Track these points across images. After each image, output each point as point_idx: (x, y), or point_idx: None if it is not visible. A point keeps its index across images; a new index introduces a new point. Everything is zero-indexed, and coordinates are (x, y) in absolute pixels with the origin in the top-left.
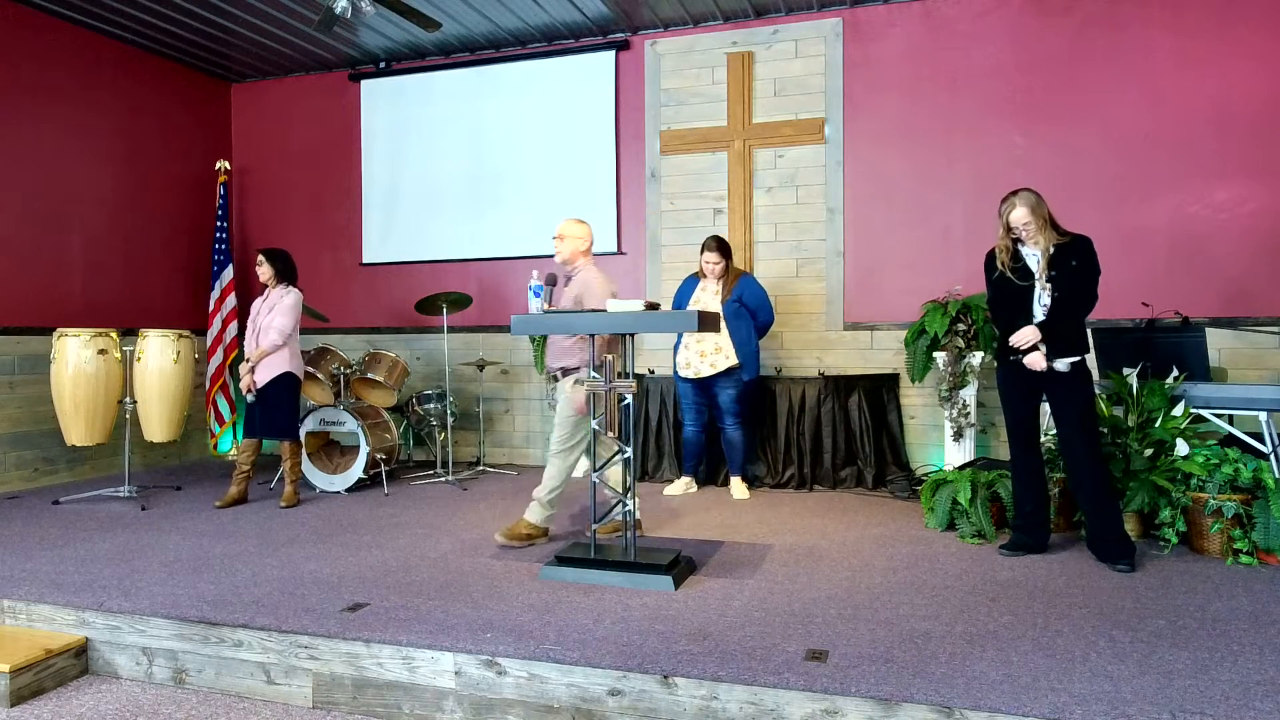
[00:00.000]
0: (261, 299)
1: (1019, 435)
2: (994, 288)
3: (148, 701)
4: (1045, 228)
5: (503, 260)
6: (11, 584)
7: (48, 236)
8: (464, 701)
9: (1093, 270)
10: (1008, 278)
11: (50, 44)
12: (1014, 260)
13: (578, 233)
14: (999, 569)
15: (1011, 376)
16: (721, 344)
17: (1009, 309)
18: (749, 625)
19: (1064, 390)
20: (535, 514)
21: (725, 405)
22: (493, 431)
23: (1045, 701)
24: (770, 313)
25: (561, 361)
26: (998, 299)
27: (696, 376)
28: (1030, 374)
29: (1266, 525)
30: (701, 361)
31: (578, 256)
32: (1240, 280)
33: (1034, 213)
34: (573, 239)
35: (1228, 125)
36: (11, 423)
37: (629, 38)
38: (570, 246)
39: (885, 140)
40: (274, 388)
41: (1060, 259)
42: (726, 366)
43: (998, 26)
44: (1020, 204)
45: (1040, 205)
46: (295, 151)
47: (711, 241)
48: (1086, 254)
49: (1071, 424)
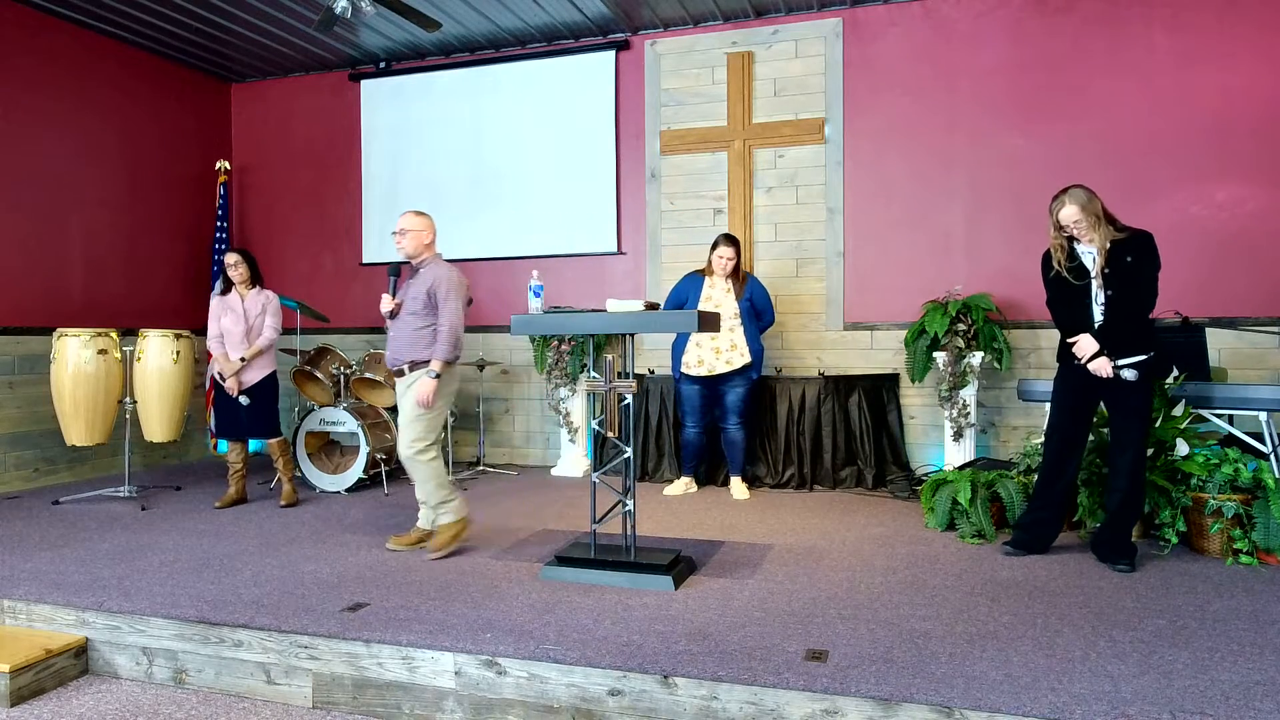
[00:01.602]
0: (222, 298)
1: (1065, 437)
2: (1051, 288)
3: (148, 701)
4: (1099, 224)
5: (503, 260)
6: (11, 584)
7: (48, 236)
8: (464, 701)
9: (1150, 266)
10: (1064, 277)
11: (50, 44)
12: (1070, 259)
13: (419, 225)
14: (999, 569)
15: (1070, 379)
16: (738, 341)
17: (1067, 309)
18: (749, 625)
19: (1124, 392)
20: (446, 517)
21: (732, 404)
22: (493, 431)
23: (1045, 701)
24: (774, 314)
25: (409, 355)
26: (1056, 299)
27: (710, 373)
28: (1092, 378)
29: (1266, 525)
30: (717, 359)
31: (423, 250)
32: (1240, 280)
33: (1084, 210)
34: (415, 233)
35: (1228, 125)
36: (11, 423)
37: (629, 38)
38: (413, 241)
39: (885, 140)
40: (262, 388)
41: (1116, 256)
42: (742, 364)
43: (998, 26)
44: (1070, 202)
45: (1092, 202)
46: (295, 151)
47: (727, 238)
48: (1144, 249)
49: (1125, 429)
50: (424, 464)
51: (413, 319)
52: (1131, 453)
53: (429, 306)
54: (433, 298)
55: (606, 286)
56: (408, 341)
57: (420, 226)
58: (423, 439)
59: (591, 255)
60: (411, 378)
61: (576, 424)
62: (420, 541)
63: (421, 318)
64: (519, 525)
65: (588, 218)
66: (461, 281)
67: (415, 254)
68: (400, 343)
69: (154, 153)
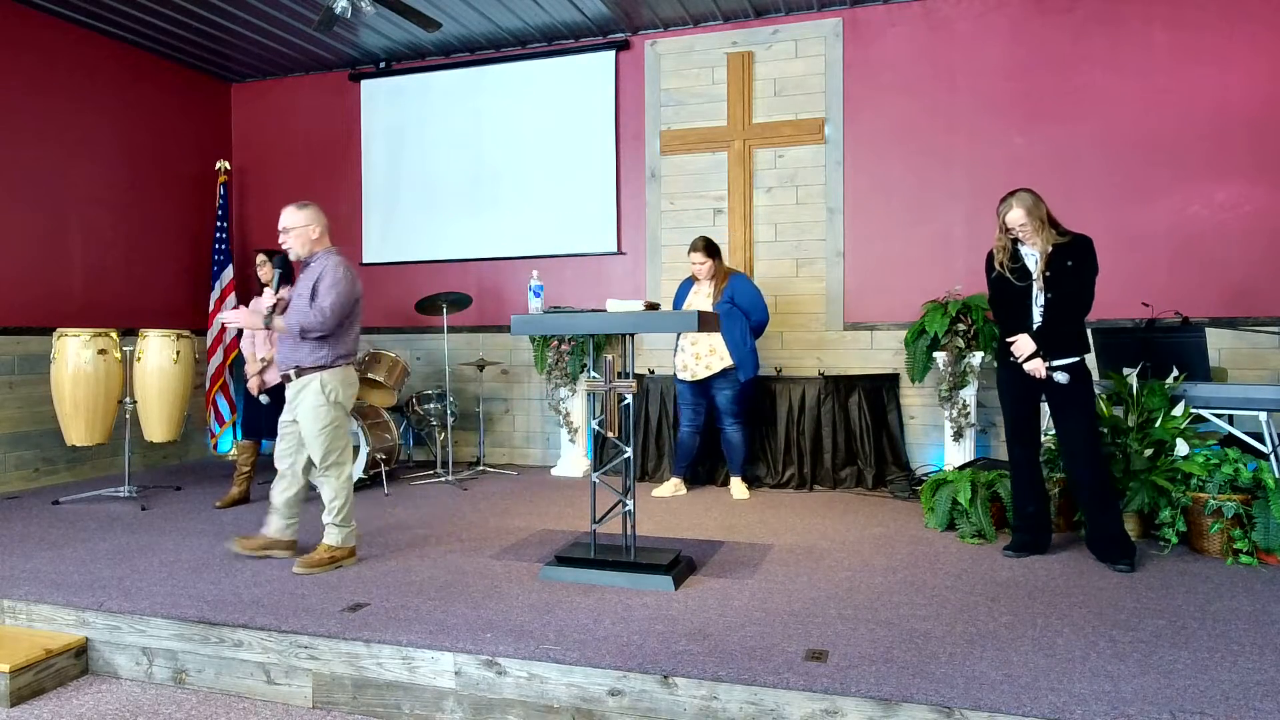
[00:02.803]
0: (257, 299)
1: (1018, 436)
2: (993, 288)
3: (148, 701)
4: (1043, 228)
5: (503, 260)
6: (11, 584)
7: (48, 236)
8: (464, 701)
9: (1088, 271)
10: (1006, 278)
11: (50, 44)
12: (1013, 260)
13: (303, 220)
14: (999, 569)
15: (1010, 378)
16: (715, 345)
17: (1007, 310)
18: (749, 625)
19: (1063, 390)
20: (334, 536)
21: (723, 406)
22: (493, 432)
23: (1045, 701)
24: (764, 312)
25: (296, 358)
26: (996, 299)
27: (693, 379)
28: (1029, 375)
29: (1266, 525)
30: (697, 364)
31: (313, 246)
32: (1240, 280)
33: (1030, 213)
34: (299, 229)
35: (1228, 125)
36: (11, 423)
37: (629, 38)
38: (299, 239)
39: (885, 140)
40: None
41: (1058, 259)
42: (722, 368)
43: (998, 26)
44: (1017, 205)
45: (1038, 206)
46: (295, 151)
47: (698, 242)
48: (1084, 254)
49: (1070, 424)
50: (334, 480)
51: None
52: (1081, 443)
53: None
54: (316, 291)
55: (606, 286)
56: (293, 343)
57: (305, 221)
58: (333, 451)
59: (591, 255)
60: (300, 384)
61: (576, 424)
62: (265, 549)
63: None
64: (519, 525)
65: (587, 218)
66: (349, 273)
67: (305, 252)
68: (288, 344)
69: (154, 152)
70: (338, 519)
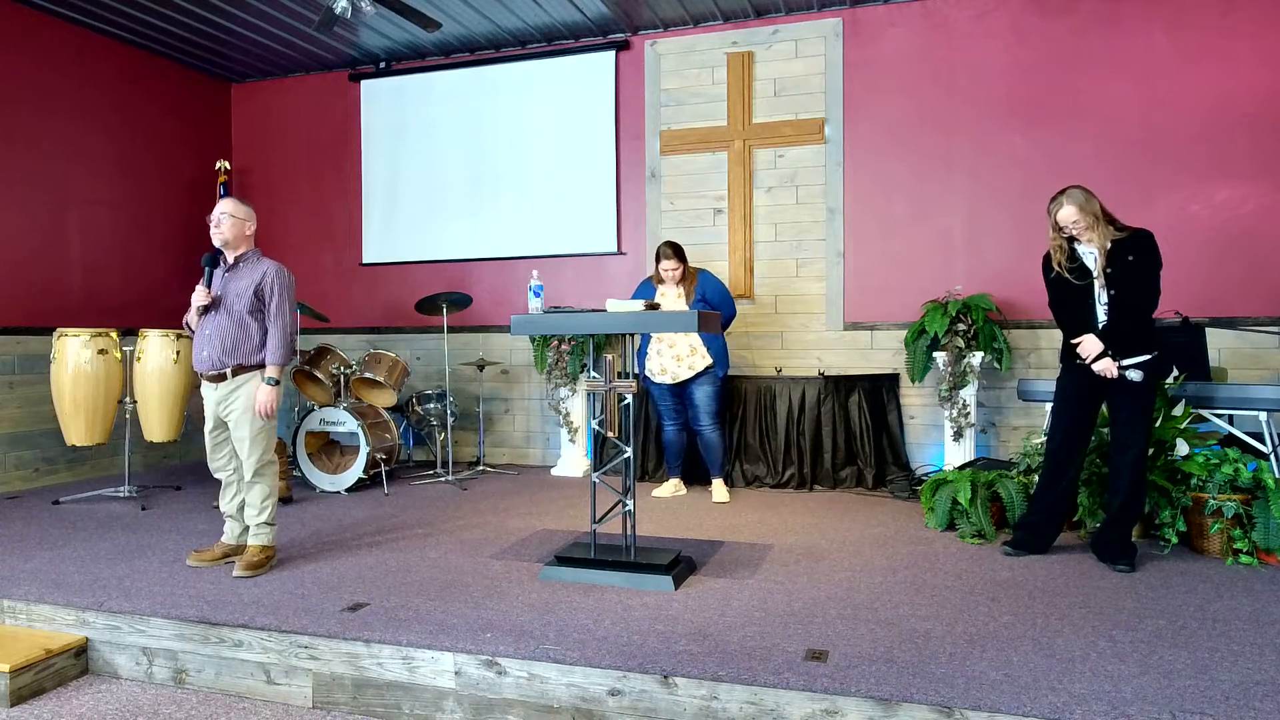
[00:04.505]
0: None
1: (1066, 443)
2: (1052, 289)
3: (148, 701)
4: (1098, 224)
5: (503, 260)
6: (11, 584)
7: (48, 236)
8: (464, 701)
9: (1151, 265)
10: (1065, 278)
11: (50, 44)
12: (1070, 260)
13: (241, 213)
14: (999, 569)
15: (1076, 380)
16: (696, 345)
17: (1069, 310)
18: (749, 625)
19: (1128, 394)
20: (265, 537)
21: (703, 405)
22: (492, 431)
23: (1045, 701)
24: (733, 306)
25: (234, 358)
26: (1057, 301)
27: (674, 381)
28: (1096, 378)
29: (1266, 525)
30: (679, 365)
31: (242, 240)
32: (1240, 280)
33: (1082, 210)
34: (236, 220)
35: (1228, 125)
36: (11, 423)
37: (629, 38)
38: (233, 228)
39: (885, 140)
40: None
41: (1118, 255)
42: (704, 367)
43: (998, 26)
44: (1067, 202)
45: (1090, 202)
46: (295, 152)
47: (668, 248)
48: (1146, 248)
49: (1128, 429)
50: (266, 481)
51: (237, 317)
52: (1134, 453)
53: (256, 305)
54: (260, 296)
55: (606, 286)
56: (232, 342)
57: (242, 214)
58: (268, 451)
59: (591, 255)
60: (236, 383)
61: (576, 424)
62: (226, 557)
63: (248, 316)
64: (519, 525)
65: (588, 218)
66: (292, 281)
67: (234, 242)
68: (222, 343)
69: (154, 152)
70: (269, 518)
